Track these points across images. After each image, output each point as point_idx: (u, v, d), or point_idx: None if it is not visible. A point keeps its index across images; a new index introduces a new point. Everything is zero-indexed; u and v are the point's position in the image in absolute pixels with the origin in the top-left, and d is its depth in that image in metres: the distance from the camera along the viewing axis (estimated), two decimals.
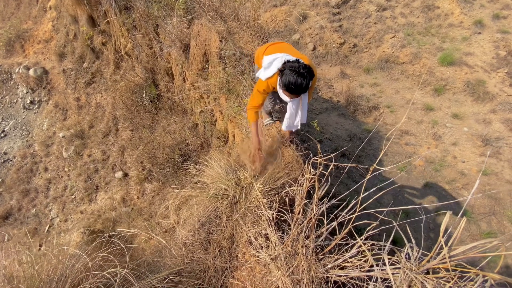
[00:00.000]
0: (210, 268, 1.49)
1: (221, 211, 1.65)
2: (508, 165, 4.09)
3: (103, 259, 1.29)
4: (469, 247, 1.02)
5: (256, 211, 1.51)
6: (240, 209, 1.57)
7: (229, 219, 1.61)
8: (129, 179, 5.04)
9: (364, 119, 4.68)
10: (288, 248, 1.26)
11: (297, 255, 1.22)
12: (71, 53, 6.03)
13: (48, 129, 6.22)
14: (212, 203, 1.72)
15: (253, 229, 1.39)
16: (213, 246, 1.55)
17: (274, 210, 1.45)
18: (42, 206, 5.65)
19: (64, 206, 5.29)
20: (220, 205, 1.68)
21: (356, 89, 5.04)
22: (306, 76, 1.78)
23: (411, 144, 4.34)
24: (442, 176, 4.00)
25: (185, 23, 3.22)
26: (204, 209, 1.71)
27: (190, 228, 1.68)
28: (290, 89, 1.79)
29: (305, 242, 1.27)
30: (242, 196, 1.68)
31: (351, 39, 5.54)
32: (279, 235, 1.32)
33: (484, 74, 4.89)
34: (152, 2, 3.56)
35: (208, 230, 1.64)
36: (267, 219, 1.38)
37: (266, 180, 1.71)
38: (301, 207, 1.35)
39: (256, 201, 1.56)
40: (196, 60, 3.24)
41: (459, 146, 4.27)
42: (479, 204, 3.76)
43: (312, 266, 1.20)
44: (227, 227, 1.58)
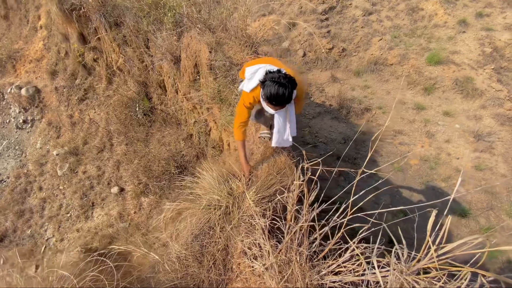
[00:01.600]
0: (204, 282, 1.47)
1: (214, 223, 1.64)
2: (502, 159, 4.14)
3: (92, 279, 1.26)
4: (456, 245, 1.03)
5: (249, 220, 1.50)
6: (234, 219, 1.56)
7: (222, 230, 1.59)
8: (126, 194, 4.99)
9: (357, 121, 4.73)
10: (282, 256, 1.25)
11: (291, 263, 1.21)
12: (63, 70, 6.04)
13: (41, 147, 6.17)
14: (205, 215, 1.71)
15: (247, 239, 1.37)
16: (207, 259, 1.53)
17: (267, 219, 1.44)
18: (37, 226, 5.54)
19: (60, 225, 5.20)
20: (213, 216, 1.67)
21: (348, 92, 5.10)
22: (288, 86, 1.75)
23: (405, 143, 4.38)
24: (437, 174, 4.03)
25: (175, 36, 3.26)
26: (197, 221, 1.70)
27: (184, 241, 1.66)
28: (273, 100, 1.75)
29: (298, 250, 1.27)
30: (235, 205, 1.67)
31: (339, 43, 5.64)
32: (273, 244, 1.31)
33: (472, 71, 4.99)
34: (142, 17, 3.61)
35: (202, 242, 1.62)
36: (260, 228, 1.37)
37: (258, 188, 1.70)
38: (293, 214, 1.34)
39: (249, 210, 1.55)
40: (187, 72, 3.27)
41: (452, 143, 4.32)
42: (476, 199, 3.78)
43: (307, 273, 1.19)
44: (221, 238, 1.56)
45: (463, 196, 3.86)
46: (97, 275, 1.26)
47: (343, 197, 1.96)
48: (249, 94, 1.97)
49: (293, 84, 1.79)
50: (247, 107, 2.01)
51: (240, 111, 2.04)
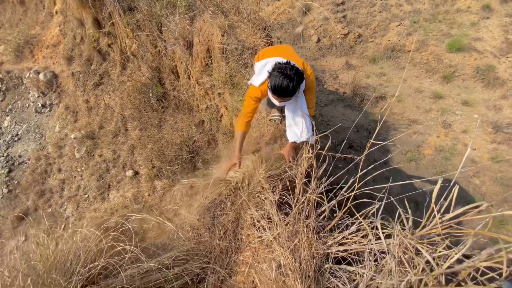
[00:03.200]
0: (215, 249, 1.55)
1: (225, 196, 1.71)
2: None
3: (114, 238, 1.35)
4: (461, 211, 1.04)
5: (259, 196, 1.55)
6: (244, 194, 1.62)
7: (233, 204, 1.66)
8: (140, 177, 5.15)
9: (371, 109, 4.64)
10: (290, 227, 1.29)
11: (299, 234, 1.25)
12: (79, 56, 6.16)
13: (60, 131, 6.39)
14: (217, 189, 1.77)
15: (256, 212, 1.43)
16: (218, 229, 1.60)
17: (276, 194, 1.49)
18: (57, 205, 5.83)
19: (78, 205, 5.45)
20: (224, 191, 1.73)
21: (362, 80, 4.98)
22: (294, 78, 1.71)
23: (419, 133, 4.28)
24: (452, 165, 3.94)
25: (188, 20, 3.25)
26: (209, 195, 1.77)
27: (196, 213, 1.74)
28: (277, 91, 1.72)
29: (305, 222, 1.30)
30: (245, 182, 1.72)
31: (355, 29, 5.47)
32: (281, 217, 1.36)
33: (494, 59, 4.75)
34: (155, 1, 3.60)
35: (213, 214, 1.70)
36: (270, 202, 1.42)
37: (269, 167, 1.74)
38: (301, 187, 1.38)
39: (259, 186, 1.60)
40: (199, 57, 3.28)
41: (470, 133, 4.19)
42: (491, 191, 3.69)
43: (313, 243, 1.23)
44: (231, 211, 1.62)
45: (477, 187, 3.77)
46: (119, 235, 1.35)
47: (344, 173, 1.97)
48: (257, 88, 1.95)
49: (299, 77, 1.76)
50: (254, 101, 1.98)
51: (247, 102, 2.02)
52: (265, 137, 2.27)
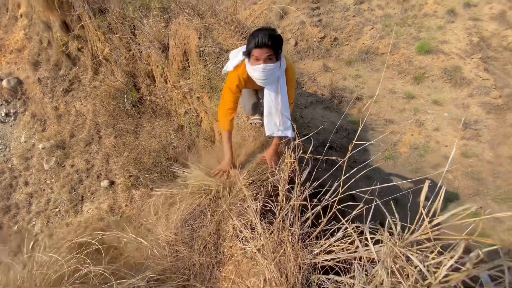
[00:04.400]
0: (195, 265, 1.45)
1: (204, 207, 1.61)
2: (488, 146, 4.24)
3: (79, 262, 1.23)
4: (450, 214, 1.04)
5: (241, 204, 1.47)
6: (225, 203, 1.53)
7: (214, 214, 1.57)
8: (116, 187, 4.89)
9: (349, 110, 4.74)
10: (274, 237, 1.24)
11: (284, 244, 1.19)
12: (46, 61, 5.80)
13: (26, 141, 5.95)
14: (195, 200, 1.67)
15: (239, 222, 1.35)
16: (197, 243, 1.50)
17: (259, 202, 1.42)
18: (24, 222, 5.40)
19: (49, 220, 5.07)
20: (204, 200, 1.64)
21: (339, 82, 5.10)
22: (274, 29, 1.67)
23: (395, 132, 4.43)
24: (427, 161, 4.10)
25: (163, 22, 3.15)
26: (187, 206, 1.66)
27: (173, 227, 1.63)
28: (260, 39, 1.60)
29: (290, 230, 1.25)
30: (226, 190, 1.64)
31: (331, 32, 5.60)
32: (265, 226, 1.29)
33: (460, 60, 5.05)
34: (127, 3, 3.46)
35: (192, 227, 1.59)
36: (252, 210, 1.35)
37: (250, 173, 1.67)
38: (284, 194, 1.33)
39: (241, 194, 1.53)
40: (176, 60, 3.18)
41: (441, 131, 4.40)
42: (463, 185, 3.87)
43: (299, 253, 1.18)
44: (212, 222, 1.53)
45: (450, 182, 3.95)
46: (83, 257, 1.22)
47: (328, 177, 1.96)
48: (234, 73, 1.82)
49: (279, 35, 1.67)
50: (233, 91, 1.82)
51: (225, 96, 1.86)
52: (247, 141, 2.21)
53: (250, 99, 2.15)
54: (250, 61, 1.72)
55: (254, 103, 2.13)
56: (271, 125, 1.83)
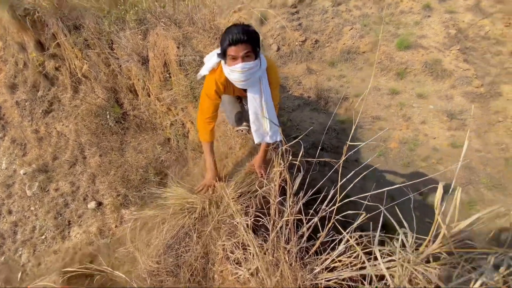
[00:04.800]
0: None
1: (189, 228, 1.48)
2: (475, 134, 4.30)
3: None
4: (472, 220, 0.90)
5: (230, 220, 1.36)
6: (212, 221, 1.41)
7: (200, 236, 1.45)
8: (104, 208, 4.69)
9: (336, 110, 4.74)
10: (269, 257, 1.12)
11: (280, 264, 1.08)
12: (23, 83, 5.60)
13: (7, 168, 5.69)
14: (178, 220, 1.54)
15: (229, 242, 1.23)
16: (183, 271, 1.38)
17: (250, 216, 1.31)
18: (11, 252, 5.11)
19: (35, 249, 4.81)
20: (188, 221, 1.52)
21: (324, 83, 5.11)
22: (248, 25, 1.51)
23: (383, 129, 4.44)
24: (417, 155, 4.11)
25: (140, 34, 3.08)
26: (170, 229, 1.53)
27: (155, 254, 1.49)
28: (235, 35, 1.44)
29: (286, 248, 1.13)
30: (213, 206, 1.52)
31: (312, 35, 5.65)
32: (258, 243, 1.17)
33: (439, 53, 5.16)
34: (102, 17, 3.38)
35: (177, 252, 1.46)
36: (243, 227, 1.23)
37: (238, 184, 1.56)
38: (276, 207, 1.21)
39: (229, 209, 1.41)
40: (157, 72, 3.10)
41: (428, 123, 4.43)
42: (454, 175, 3.88)
43: (298, 273, 1.06)
44: (199, 245, 1.41)
45: (443, 174, 3.95)
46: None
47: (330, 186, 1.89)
48: (210, 77, 1.69)
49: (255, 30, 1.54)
50: (211, 98, 1.69)
51: (203, 104, 1.71)
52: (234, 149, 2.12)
53: (233, 110, 2.00)
54: (227, 62, 1.57)
55: (238, 112, 1.99)
56: (260, 131, 1.70)
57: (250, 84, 1.63)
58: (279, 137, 1.71)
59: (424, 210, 3.61)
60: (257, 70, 1.61)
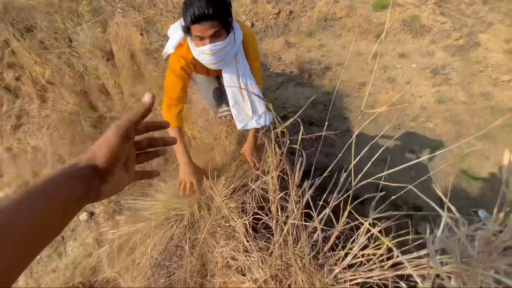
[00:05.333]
0: None
1: (179, 238, 1.34)
2: (460, 87, 4.28)
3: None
4: None
5: (226, 222, 1.22)
6: (205, 227, 1.27)
7: (194, 245, 1.30)
8: (97, 217, 4.51)
9: (321, 82, 4.61)
10: (277, 261, 0.99)
11: (291, 268, 0.95)
12: None
13: None
14: (166, 232, 1.40)
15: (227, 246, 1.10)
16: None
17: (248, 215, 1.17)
18: None
19: (32, 271, 4.62)
20: (177, 230, 1.37)
21: (305, 55, 4.93)
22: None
23: (370, 94, 4.36)
24: (406, 115, 4.08)
25: (99, 27, 2.79)
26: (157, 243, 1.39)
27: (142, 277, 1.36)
28: (197, 9, 1.17)
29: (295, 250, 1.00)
30: (203, 208, 1.38)
31: (285, 6, 5.38)
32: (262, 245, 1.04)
33: (416, 9, 5.03)
34: (53, 13, 3.04)
35: (168, 270, 1.32)
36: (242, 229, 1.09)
37: (229, 179, 1.41)
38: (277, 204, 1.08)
39: (222, 209, 1.27)
40: (125, 66, 2.85)
41: (413, 82, 4.38)
42: (445, 130, 3.89)
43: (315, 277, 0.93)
44: (193, 256, 1.28)
45: (432, 130, 3.95)
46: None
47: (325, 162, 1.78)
48: (175, 54, 1.45)
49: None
50: (177, 74, 1.44)
51: (169, 83, 1.47)
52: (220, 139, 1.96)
53: (209, 88, 1.75)
54: (193, 41, 1.34)
55: (215, 89, 1.74)
56: (241, 116, 1.50)
57: (225, 64, 1.42)
58: (267, 120, 1.53)
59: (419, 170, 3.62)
60: (231, 47, 1.40)
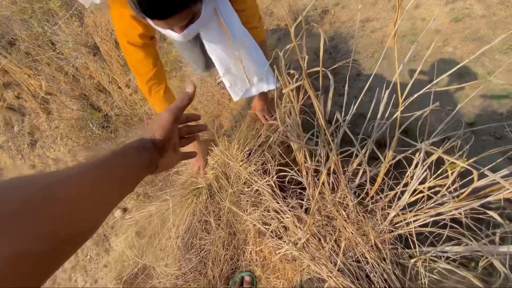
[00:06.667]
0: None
1: (202, 213, 1.29)
2: (475, 0, 3.81)
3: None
4: None
5: (249, 187, 1.14)
6: (227, 196, 1.20)
7: (220, 217, 1.25)
8: (131, 212, 4.69)
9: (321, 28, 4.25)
10: (316, 217, 0.89)
11: (335, 222, 0.85)
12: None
13: None
14: (187, 209, 1.36)
15: (255, 212, 1.02)
16: (210, 267, 1.21)
17: (270, 176, 1.07)
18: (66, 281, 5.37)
19: (86, 269, 5.00)
20: (198, 205, 1.33)
21: (298, 3, 4.52)
22: None
23: (376, 29, 3.98)
24: (420, 44, 3.72)
25: (76, 21, 2.62)
26: (180, 223, 1.36)
27: (172, 259, 1.34)
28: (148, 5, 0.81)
29: (335, 199, 0.89)
30: (221, 177, 1.31)
31: None
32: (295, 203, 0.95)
33: None
34: (28, 19, 2.88)
35: (198, 248, 1.29)
36: (268, 190, 1.00)
37: (242, 141, 1.32)
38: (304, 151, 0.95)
39: (241, 173, 1.19)
40: (113, 57, 2.71)
41: (422, 6, 3.94)
42: (466, 51, 3.54)
43: (367, 226, 0.81)
44: (221, 228, 1.23)
45: (452, 54, 3.61)
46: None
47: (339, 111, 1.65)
48: (120, 13, 1.02)
49: None
50: (136, 44, 1.03)
51: (131, 60, 1.07)
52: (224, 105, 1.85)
53: (191, 50, 1.33)
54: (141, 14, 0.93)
55: (200, 51, 1.33)
56: (237, 86, 1.22)
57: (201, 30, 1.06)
58: (272, 84, 1.27)
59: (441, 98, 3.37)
60: (207, 16, 1.02)
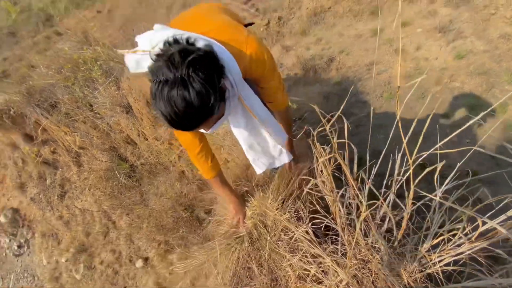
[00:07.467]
0: None
1: (245, 259, 1.33)
2: (475, 37, 4.04)
3: None
4: None
5: (286, 235, 1.19)
6: (266, 244, 1.25)
7: (261, 264, 1.28)
8: (152, 261, 4.66)
9: (328, 75, 4.56)
10: (352, 261, 0.95)
11: (370, 265, 0.91)
12: (29, 178, 5.65)
13: (49, 262, 5.75)
14: (232, 257, 1.39)
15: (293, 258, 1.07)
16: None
17: (305, 223, 1.14)
18: None
19: None
20: (241, 252, 1.37)
21: (305, 54, 4.93)
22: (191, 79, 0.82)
23: (382, 71, 4.23)
24: (427, 82, 3.89)
25: (112, 86, 3.00)
26: (226, 270, 1.39)
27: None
28: (171, 121, 0.89)
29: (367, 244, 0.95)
30: (259, 226, 1.37)
31: (273, 14, 5.48)
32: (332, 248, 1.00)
33: None
34: (70, 86, 3.33)
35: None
36: (306, 237, 1.05)
37: (274, 191, 1.40)
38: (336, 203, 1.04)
39: (279, 222, 1.25)
40: (144, 114, 3.02)
41: (423, 47, 4.20)
42: (474, 85, 3.65)
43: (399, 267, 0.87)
44: (263, 274, 1.26)
45: (461, 89, 3.73)
46: None
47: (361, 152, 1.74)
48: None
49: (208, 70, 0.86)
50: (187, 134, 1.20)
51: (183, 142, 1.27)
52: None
53: None
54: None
55: None
56: (260, 160, 1.35)
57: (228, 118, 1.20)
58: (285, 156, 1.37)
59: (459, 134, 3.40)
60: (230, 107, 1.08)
